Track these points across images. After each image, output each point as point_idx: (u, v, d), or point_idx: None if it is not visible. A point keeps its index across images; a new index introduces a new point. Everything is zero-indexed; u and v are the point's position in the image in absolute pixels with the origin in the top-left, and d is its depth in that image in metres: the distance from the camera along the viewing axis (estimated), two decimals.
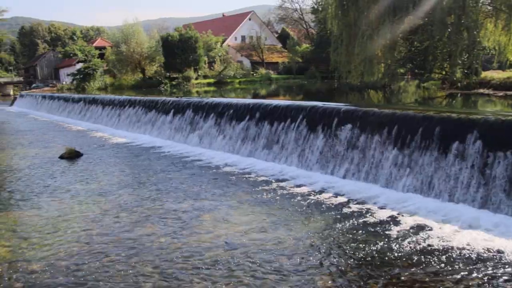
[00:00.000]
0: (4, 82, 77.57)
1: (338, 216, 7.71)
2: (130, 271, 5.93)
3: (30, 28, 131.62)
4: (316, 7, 57.73)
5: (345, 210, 8.02)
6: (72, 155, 14.54)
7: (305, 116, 11.73)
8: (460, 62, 21.85)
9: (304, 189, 9.45)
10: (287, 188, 9.57)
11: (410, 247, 6.33)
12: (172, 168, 12.31)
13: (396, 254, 6.12)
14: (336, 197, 8.80)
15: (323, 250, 6.35)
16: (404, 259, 5.97)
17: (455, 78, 23.49)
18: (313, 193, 9.16)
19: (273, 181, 10.26)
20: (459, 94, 24.12)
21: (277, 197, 8.97)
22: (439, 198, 8.08)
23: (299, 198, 8.86)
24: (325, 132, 10.92)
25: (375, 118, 9.97)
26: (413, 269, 5.67)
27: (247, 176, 10.85)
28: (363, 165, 9.71)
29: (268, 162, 11.99)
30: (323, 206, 8.30)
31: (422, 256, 6.01)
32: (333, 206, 8.28)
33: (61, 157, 14.53)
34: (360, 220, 7.43)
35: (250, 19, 72.22)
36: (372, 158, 9.57)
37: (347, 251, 6.30)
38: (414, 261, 5.89)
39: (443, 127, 8.55)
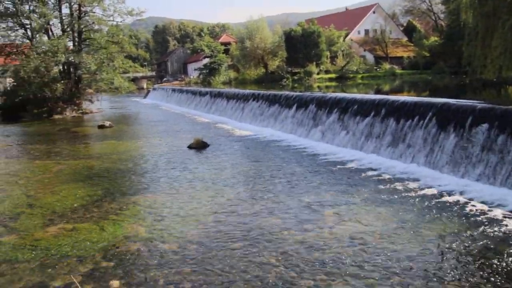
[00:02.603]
0: (140, 77, 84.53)
1: (470, 223, 7.20)
2: (254, 260, 6.15)
3: (162, 27, 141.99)
4: None
5: (479, 217, 7.44)
6: (199, 146, 15.42)
7: (435, 114, 11.11)
8: None
9: (431, 191, 8.97)
10: (413, 189, 9.17)
11: None
12: (294, 162, 12.48)
13: None
14: (469, 202, 8.21)
15: (453, 260, 5.98)
16: None
17: None
18: (441, 195, 8.65)
19: (398, 180, 9.89)
20: None
21: (402, 197, 8.64)
22: None
23: (425, 199, 8.44)
24: (457, 131, 10.25)
25: None
26: None
27: (370, 173, 10.62)
28: (500, 169, 8.95)
29: (392, 160, 11.60)
30: (452, 210, 7.80)
31: None
32: (464, 211, 7.74)
33: (190, 147, 15.49)
34: (496, 229, 6.88)
35: (374, 12, 70.08)
36: None
37: (480, 263, 5.87)
38: None
39: None
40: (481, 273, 5.51)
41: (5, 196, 10.26)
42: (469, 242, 6.46)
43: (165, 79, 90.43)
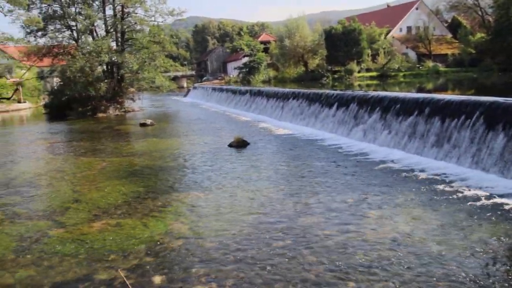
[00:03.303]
0: (180, 76, 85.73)
1: None
2: (295, 259, 6.10)
3: (202, 26, 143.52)
4: None
5: None
6: (240, 144, 15.47)
7: (483, 113, 10.73)
8: None
9: (478, 193, 8.63)
10: (459, 190, 8.85)
11: None
12: (335, 161, 12.33)
13: None
14: None
15: (503, 266, 5.75)
16: None
17: None
18: (489, 198, 8.31)
19: (443, 181, 9.60)
20: None
21: (447, 199, 8.37)
22: None
23: (472, 202, 8.12)
24: (507, 131, 9.85)
25: None
26: None
27: (414, 174, 10.35)
28: None
29: (437, 161, 11.28)
30: (501, 213, 7.49)
31: None
32: None
33: (230, 145, 15.57)
34: None
35: (417, 9, 68.38)
36: None
37: None
38: None
39: None
40: None
41: (53, 191, 10.62)
42: None
43: (205, 78, 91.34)
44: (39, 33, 35.12)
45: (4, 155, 16.78)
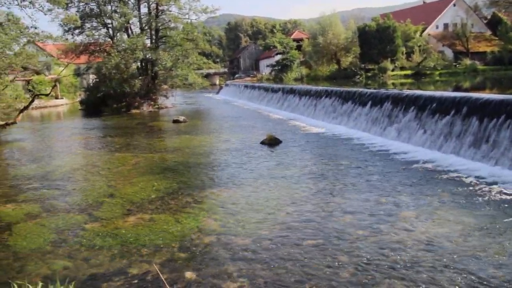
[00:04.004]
0: (212, 73, 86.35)
1: None
2: (326, 259, 6.04)
3: (235, 24, 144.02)
4: None
5: None
6: (272, 142, 15.44)
7: None
8: None
9: None
10: (497, 193, 8.56)
11: None
12: (368, 160, 12.16)
13: None
14: None
15: None
16: None
17: None
18: None
19: (481, 183, 9.29)
20: None
21: (485, 202, 8.11)
22: None
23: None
24: None
25: None
26: None
27: (450, 175, 10.09)
28: None
29: (474, 162, 10.96)
30: None
31: None
32: None
33: (262, 142, 15.56)
34: None
35: (454, 5, 66.69)
36: None
37: None
38: None
39: None
40: None
41: (89, 186, 10.85)
42: None
43: (237, 75, 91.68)
44: (76, 31, 36.04)
45: (42, 150, 17.28)
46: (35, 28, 21.86)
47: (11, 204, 9.49)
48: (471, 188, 9.00)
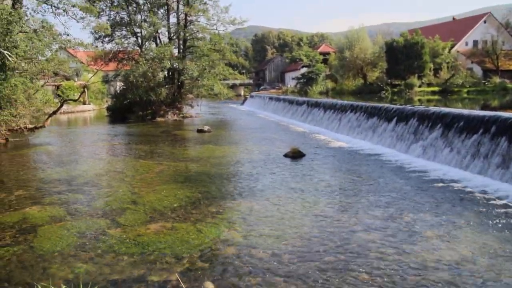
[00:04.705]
0: (238, 84, 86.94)
1: None
2: (347, 276, 5.95)
3: (262, 36, 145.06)
4: None
5: None
6: (296, 155, 15.41)
7: None
8: None
9: None
10: None
11: None
12: (392, 177, 12.01)
13: None
14: None
15: None
16: None
17: None
18: None
19: (509, 205, 9.09)
20: None
21: None
22: None
23: None
24: None
25: None
26: None
27: (477, 195, 9.88)
28: None
29: (502, 183, 10.71)
30: None
31: None
32: None
33: (286, 155, 15.53)
34: None
35: (485, 22, 65.78)
36: None
37: None
38: None
39: None
40: None
41: (113, 192, 10.99)
42: None
43: (262, 87, 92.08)
44: (106, 39, 36.81)
45: (68, 154, 17.61)
46: (67, 35, 22.48)
47: (36, 206, 9.67)
48: (498, 210, 8.78)
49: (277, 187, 11.01)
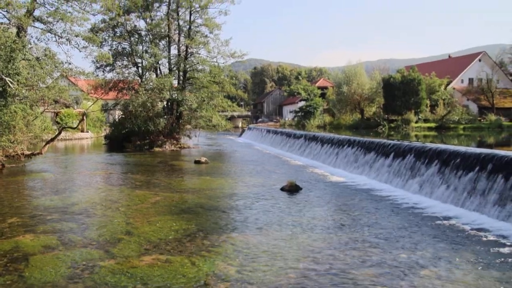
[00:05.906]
0: (236, 116, 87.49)
1: None
2: None
3: (261, 69, 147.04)
4: None
5: None
6: (292, 188, 15.36)
7: None
8: None
9: None
10: None
11: None
12: (389, 214, 11.96)
13: None
14: None
15: None
16: None
17: None
18: None
19: (505, 244, 9.03)
20: None
21: (510, 264, 7.87)
22: None
23: None
24: None
25: None
26: None
27: (473, 233, 9.83)
28: None
29: (498, 221, 10.68)
30: None
31: None
32: None
33: (282, 189, 15.49)
34: None
35: (480, 60, 66.98)
36: None
37: None
38: None
39: None
40: None
41: (108, 222, 10.90)
42: None
43: (260, 119, 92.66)
44: (108, 68, 37.21)
45: (63, 182, 17.52)
46: (69, 63, 22.70)
47: (29, 235, 9.57)
48: (494, 248, 8.73)
49: (273, 222, 10.94)
